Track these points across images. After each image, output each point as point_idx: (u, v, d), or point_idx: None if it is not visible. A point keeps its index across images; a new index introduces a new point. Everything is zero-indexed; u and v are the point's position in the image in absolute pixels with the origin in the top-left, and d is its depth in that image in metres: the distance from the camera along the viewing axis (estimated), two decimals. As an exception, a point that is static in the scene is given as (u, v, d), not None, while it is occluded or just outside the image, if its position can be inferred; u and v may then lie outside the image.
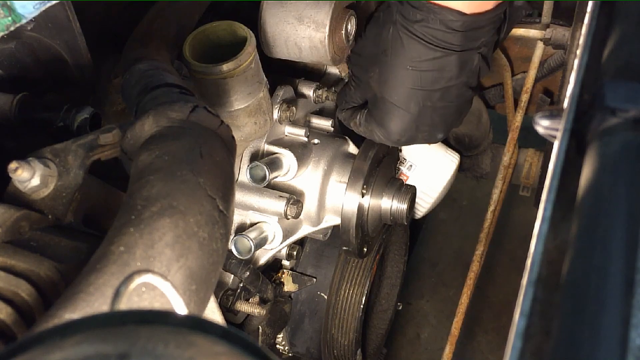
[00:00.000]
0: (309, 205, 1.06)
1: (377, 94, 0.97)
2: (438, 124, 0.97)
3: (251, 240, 0.98)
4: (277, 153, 1.03)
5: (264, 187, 1.02)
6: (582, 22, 0.73)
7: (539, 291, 0.42)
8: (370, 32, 0.99)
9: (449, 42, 0.88)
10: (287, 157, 1.02)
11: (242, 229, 1.04)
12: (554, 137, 0.52)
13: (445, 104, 0.94)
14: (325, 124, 1.14)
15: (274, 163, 1.01)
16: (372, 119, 1.00)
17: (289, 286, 1.20)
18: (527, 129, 1.58)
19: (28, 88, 0.83)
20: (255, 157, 1.03)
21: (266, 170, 0.97)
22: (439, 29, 0.87)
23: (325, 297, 1.23)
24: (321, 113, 1.18)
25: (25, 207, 0.64)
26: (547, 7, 1.48)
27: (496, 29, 0.93)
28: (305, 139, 1.07)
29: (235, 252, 0.99)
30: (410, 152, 1.41)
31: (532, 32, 1.52)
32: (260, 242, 1.01)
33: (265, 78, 0.94)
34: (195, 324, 0.33)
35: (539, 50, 1.53)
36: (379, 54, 0.96)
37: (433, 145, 1.42)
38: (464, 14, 0.86)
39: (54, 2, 0.71)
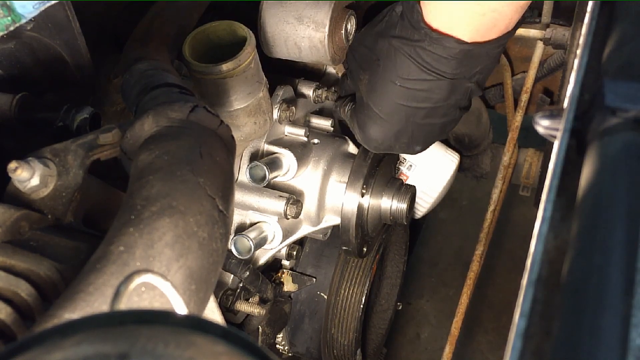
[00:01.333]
0: (309, 205, 1.06)
1: (364, 99, 0.97)
2: (418, 139, 0.97)
3: (251, 240, 0.98)
4: (276, 153, 1.03)
5: (264, 187, 1.02)
6: (582, 22, 0.73)
7: (539, 291, 0.42)
8: (367, 35, 0.98)
9: (442, 69, 0.86)
10: (286, 157, 1.02)
11: (241, 228, 1.04)
12: (554, 137, 0.52)
13: (429, 121, 0.94)
14: (325, 123, 1.14)
15: (273, 163, 1.00)
16: (355, 119, 1.00)
17: (289, 286, 1.20)
18: (527, 129, 1.58)
19: (28, 88, 0.83)
20: (255, 157, 1.03)
21: (266, 170, 0.97)
22: (435, 53, 0.85)
23: (325, 297, 1.23)
24: (321, 113, 1.18)
25: (25, 207, 0.64)
26: (547, 7, 1.48)
27: (496, 57, 0.90)
28: (305, 139, 1.07)
29: (235, 252, 0.99)
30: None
31: (532, 32, 1.52)
32: (260, 242, 1.01)
33: (264, 78, 0.94)
34: (195, 323, 0.33)
35: (539, 50, 1.53)
36: (372, 60, 0.95)
37: (433, 145, 1.43)
38: (464, 42, 0.83)
39: (53, 2, 0.71)
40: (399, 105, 0.92)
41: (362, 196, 1.05)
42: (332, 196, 1.07)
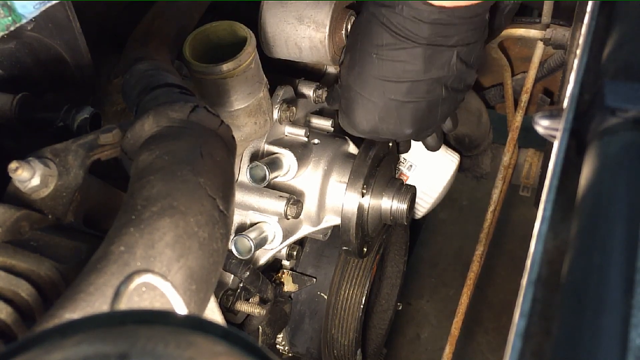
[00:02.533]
0: (309, 205, 1.06)
1: (344, 81, 0.96)
2: (405, 119, 0.95)
3: (251, 240, 0.98)
4: (277, 153, 1.03)
5: (264, 187, 1.02)
6: (582, 22, 0.73)
7: (538, 291, 0.42)
8: (355, 21, 0.99)
9: (414, 33, 0.86)
10: (287, 157, 1.02)
11: (242, 229, 1.04)
12: (554, 137, 0.52)
13: (412, 99, 0.92)
14: (325, 124, 1.13)
15: (274, 163, 1.01)
16: (341, 108, 1.00)
17: (289, 286, 1.20)
18: (527, 129, 1.58)
19: (28, 88, 0.83)
20: (255, 157, 1.03)
21: (266, 170, 0.97)
22: (406, 17, 0.85)
23: (325, 297, 1.23)
24: (321, 113, 1.18)
25: (25, 207, 0.64)
26: (547, 7, 1.48)
27: (475, 30, 0.89)
28: (305, 139, 1.07)
29: (235, 252, 0.99)
30: (410, 152, 1.41)
31: (532, 32, 1.52)
32: (260, 242, 1.01)
33: (265, 78, 0.94)
34: (196, 324, 0.33)
35: (539, 50, 1.53)
36: (354, 38, 0.95)
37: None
38: (432, 6, 0.83)
39: (54, 2, 0.71)
40: (377, 81, 0.91)
41: (362, 196, 1.05)
42: (332, 196, 1.07)
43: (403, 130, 0.97)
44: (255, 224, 1.03)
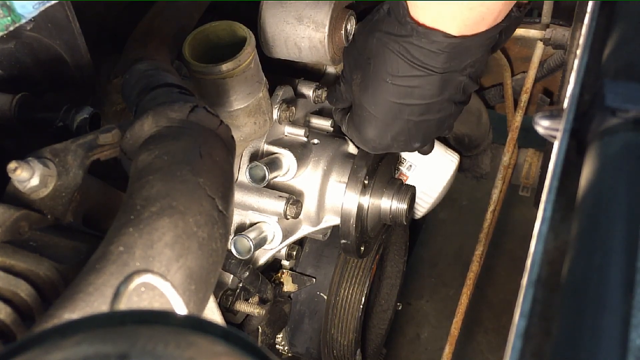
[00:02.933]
0: (309, 205, 1.06)
1: (356, 99, 0.97)
2: (415, 136, 0.96)
3: (251, 240, 0.98)
4: (276, 153, 1.03)
5: (264, 187, 1.02)
6: (582, 22, 0.73)
7: (539, 292, 0.42)
8: (358, 35, 0.98)
9: (431, 64, 0.85)
10: (286, 157, 1.02)
11: (241, 229, 1.04)
12: (554, 137, 0.52)
13: (425, 118, 0.93)
14: (325, 124, 1.13)
15: (273, 163, 1.00)
16: (352, 122, 1.00)
17: (289, 286, 1.20)
18: (527, 129, 1.58)
19: (28, 88, 0.83)
20: (255, 157, 1.03)
21: (266, 170, 0.97)
22: (423, 47, 0.84)
23: (325, 297, 1.23)
24: (321, 113, 1.18)
25: (24, 207, 0.64)
26: (547, 7, 1.48)
27: (486, 50, 0.88)
28: (305, 139, 1.07)
29: (234, 252, 0.99)
30: (410, 152, 1.41)
31: (532, 32, 1.52)
32: (260, 242, 1.01)
33: (264, 78, 0.94)
34: (195, 324, 0.33)
35: (539, 50, 1.53)
36: (363, 60, 0.94)
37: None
38: (451, 36, 0.82)
39: (53, 2, 0.71)
40: (391, 103, 0.91)
41: (362, 196, 1.05)
42: (332, 196, 1.07)
43: (412, 145, 0.98)
44: (255, 224, 1.03)
